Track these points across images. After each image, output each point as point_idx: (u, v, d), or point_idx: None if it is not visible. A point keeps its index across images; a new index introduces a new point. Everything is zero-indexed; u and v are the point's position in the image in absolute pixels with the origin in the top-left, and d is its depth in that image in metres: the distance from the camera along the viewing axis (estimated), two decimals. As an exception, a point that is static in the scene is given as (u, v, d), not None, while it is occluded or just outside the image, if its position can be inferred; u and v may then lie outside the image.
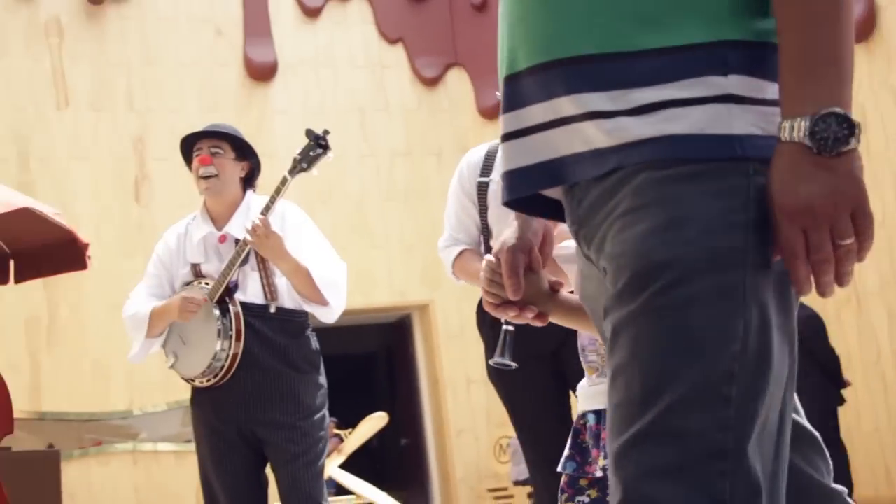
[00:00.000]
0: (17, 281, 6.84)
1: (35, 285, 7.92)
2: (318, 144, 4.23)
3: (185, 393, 9.22)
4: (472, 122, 11.75)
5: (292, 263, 4.08)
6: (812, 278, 1.24)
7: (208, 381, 4.16)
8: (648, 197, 1.28)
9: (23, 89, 10.43)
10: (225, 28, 11.27)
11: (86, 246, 6.52)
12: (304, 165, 4.21)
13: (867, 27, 9.25)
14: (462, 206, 3.93)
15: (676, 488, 1.21)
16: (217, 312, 4.10)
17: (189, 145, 4.38)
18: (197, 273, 4.29)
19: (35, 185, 9.41)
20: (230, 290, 4.17)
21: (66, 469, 8.67)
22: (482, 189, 3.82)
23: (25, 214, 6.24)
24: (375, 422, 9.45)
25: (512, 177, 1.45)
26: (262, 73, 11.26)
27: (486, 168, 3.85)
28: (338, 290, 4.23)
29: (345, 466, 9.18)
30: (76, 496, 8.76)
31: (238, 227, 4.22)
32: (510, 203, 1.51)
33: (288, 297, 4.24)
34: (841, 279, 1.24)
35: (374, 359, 13.41)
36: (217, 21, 11.24)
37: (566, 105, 1.35)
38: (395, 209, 10.76)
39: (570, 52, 1.34)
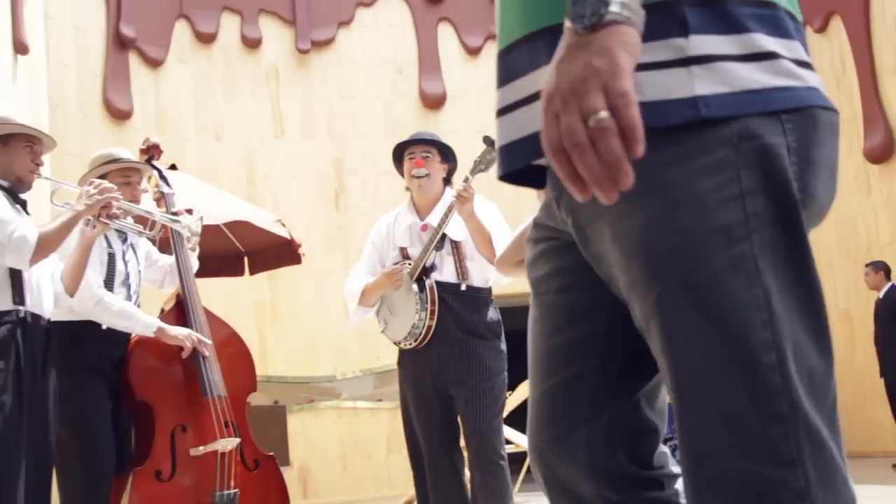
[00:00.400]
0: (250, 273, 7.36)
1: (261, 276, 8.10)
2: (493, 149, 4.00)
3: (376, 362, 9.73)
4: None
5: (478, 224, 3.96)
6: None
7: (410, 344, 4.09)
8: (639, 182, 0.99)
9: (250, 123, 10.80)
10: (404, 67, 11.50)
11: (299, 245, 7.03)
12: (482, 167, 4.08)
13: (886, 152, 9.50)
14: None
15: (743, 461, 1.05)
16: (416, 288, 4.04)
17: (401, 150, 4.28)
18: (404, 255, 4.20)
19: (259, 197, 9.70)
20: (427, 270, 4.09)
21: (288, 420, 9.17)
22: None
23: (252, 224, 6.75)
24: (527, 387, 9.56)
25: (504, 151, 1.24)
26: (434, 102, 11.43)
27: None
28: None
29: (507, 420, 9.30)
30: (296, 441, 9.10)
31: (437, 218, 4.13)
32: (504, 177, 1.28)
33: (476, 277, 4.15)
34: (612, 174, 0.92)
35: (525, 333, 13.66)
36: (397, 62, 11.48)
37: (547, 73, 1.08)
38: (529, 205, 10.93)
39: (553, 19, 1.11)
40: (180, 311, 4.12)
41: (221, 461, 3.89)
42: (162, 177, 4.27)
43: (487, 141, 4.08)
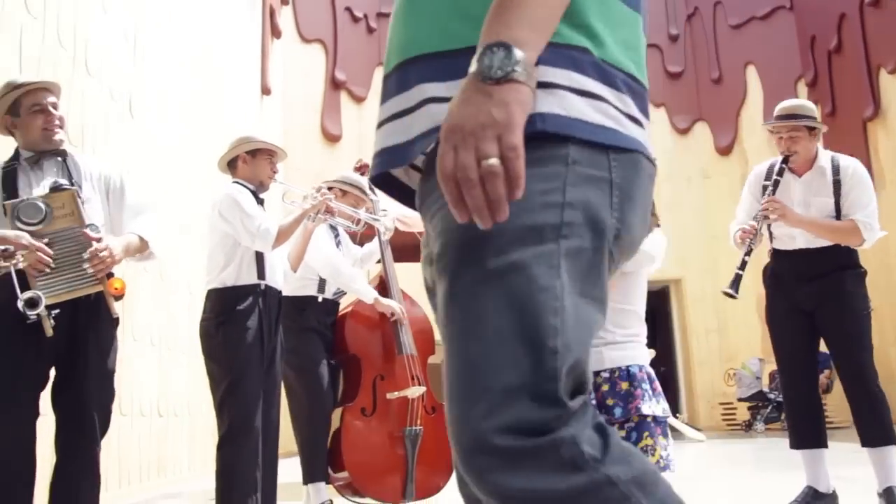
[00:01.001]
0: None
1: None
2: None
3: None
4: (710, 157, 11.51)
5: None
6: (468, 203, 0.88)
7: None
8: None
9: None
10: None
11: None
12: None
13: None
14: (748, 202, 3.79)
15: (510, 433, 0.91)
16: None
17: None
18: None
19: None
20: None
21: None
22: (764, 189, 3.65)
23: None
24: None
25: (375, 157, 1.14)
26: None
27: (768, 175, 3.66)
28: (652, 246, 3.84)
29: None
30: None
31: None
32: (373, 180, 1.17)
33: None
34: (494, 208, 0.87)
35: (646, 314, 13.36)
36: None
37: (415, 94, 1.05)
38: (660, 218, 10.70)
39: (421, 50, 1.05)
40: (383, 288, 4.19)
41: (410, 404, 3.95)
42: (371, 188, 4.32)
43: None
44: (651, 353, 9.02)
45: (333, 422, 3.95)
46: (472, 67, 0.90)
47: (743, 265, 3.53)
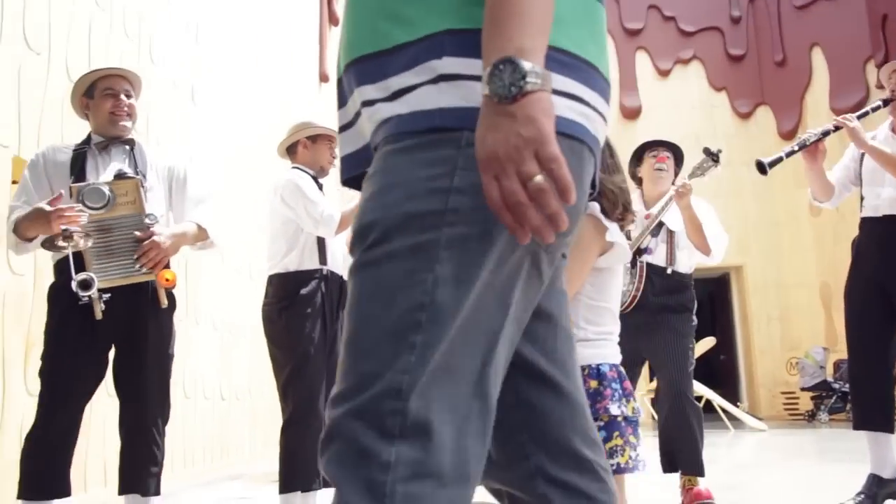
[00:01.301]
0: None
1: None
2: (711, 159, 3.82)
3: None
4: (773, 142, 11.19)
5: (692, 214, 3.68)
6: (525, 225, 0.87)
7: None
8: (375, 167, 0.98)
9: None
10: None
11: None
12: (699, 172, 3.81)
13: None
14: (845, 159, 3.76)
15: (355, 423, 0.90)
16: (629, 265, 3.76)
17: (643, 148, 4.03)
18: (626, 237, 3.76)
19: None
20: (641, 251, 3.79)
21: None
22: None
23: None
24: (707, 343, 9.14)
25: (342, 162, 1.13)
26: (631, 114, 11.22)
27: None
28: (719, 245, 3.79)
29: None
30: None
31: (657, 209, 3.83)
32: (343, 184, 1.16)
33: (681, 265, 3.84)
34: (553, 222, 0.86)
35: (705, 301, 13.12)
36: None
37: (357, 98, 1.05)
38: (720, 203, 10.48)
39: (358, 53, 1.04)
40: None
41: None
42: None
43: (707, 152, 3.83)
44: (711, 341, 8.74)
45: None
46: (485, 91, 0.88)
47: (790, 153, 3.47)
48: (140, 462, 2.76)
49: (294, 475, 3.17)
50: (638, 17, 11.55)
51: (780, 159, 3.46)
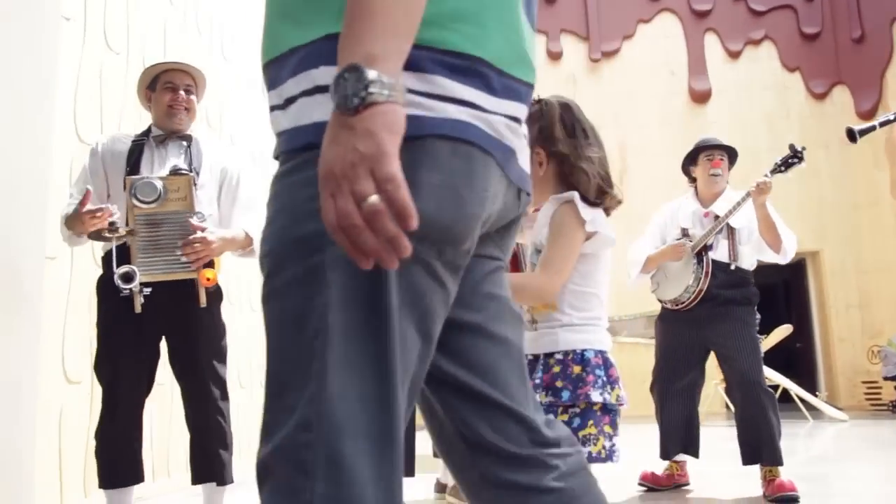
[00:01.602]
0: None
1: None
2: (795, 155, 3.81)
3: (648, 307, 9.46)
4: (851, 122, 10.75)
5: (767, 213, 3.76)
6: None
7: (676, 305, 3.95)
8: (269, 193, 0.94)
9: None
10: (676, 70, 11.12)
11: None
12: (782, 168, 3.81)
13: None
14: None
15: (279, 460, 0.86)
16: (695, 261, 3.88)
17: (699, 150, 4.08)
18: (684, 234, 4.02)
19: None
20: (707, 248, 3.90)
21: None
22: None
23: None
24: (783, 331, 8.91)
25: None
26: (701, 97, 10.99)
27: None
28: (791, 244, 3.86)
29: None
30: None
31: (719, 208, 3.94)
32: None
33: (745, 260, 3.93)
34: (393, 245, 0.78)
35: (780, 288, 12.77)
36: (671, 65, 11.12)
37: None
38: (794, 187, 10.14)
39: (265, 58, 0.99)
40: (515, 260, 4.13)
41: None
42: None
43: (792, 149, 3.81)
44: (788, 329, 8.49)
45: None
46: (333, 101, 0.80)
47: (884, 122, 3.32)
48: (211, 452, 2.81)
49: None
50: (707, -2, 11.28)
51: (872, 128, 3.32)
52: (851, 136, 3.32)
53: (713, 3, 11.27)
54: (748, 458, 3.71)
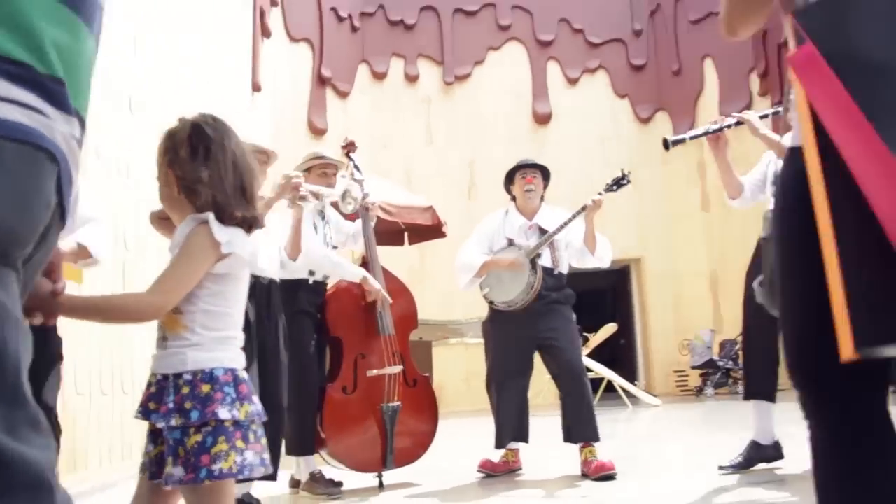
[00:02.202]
0: (409, 244, 7.49)
1: (415, 247, 8.26)
2: (624, 177, 4.16)
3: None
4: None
5: (592, 227, 4.09)
6: None
7: (508, 307, 4.08)
8: None
9: (409, 137, 11.03)
10: (521, 93, 11.50)
11: (442, 225, 7.10)
12: (614, 188, 4.13)
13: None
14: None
15: None
16: (529, 267, 4.06)
17: (514, 170, 4.28)
18: (510, 243, 4.18)
19: (415, 190, 9.49)
20: (538, 256, 4.11)
21: (432, 351, 9.17)
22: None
23: (411, 209, 6.91)
24: (608, 329, 9.40)
25: None
26: (543, 119, 11.42)
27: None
28: (607, 251, 4.19)
29: (590, 355, 9.18)
30: (435, 367, 8.89)
31: (543, 221, 4.14)
32: None
33: (563, 267, 4.17)
34: None
35: (607, 292, 13.46)
36: (517, 89, 11.48)
37: None
38: (623, 201, 10.72)
39: None
40: (365, 268, 4.09)
41: (389, 381, 3.96)
42: (356, 166, 4.26)
43: (622, 171, 4.16)
44: (613, 327, 9.10)
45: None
46: None
47: (693, 136, 3.67)
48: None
49: None
50: (549, 30, 11.72)
51: (682, 140, 3.64)
52: (665, 145, 3.64)
53: (555, 34, 11.73)
54: (569, 436, 3.96)
